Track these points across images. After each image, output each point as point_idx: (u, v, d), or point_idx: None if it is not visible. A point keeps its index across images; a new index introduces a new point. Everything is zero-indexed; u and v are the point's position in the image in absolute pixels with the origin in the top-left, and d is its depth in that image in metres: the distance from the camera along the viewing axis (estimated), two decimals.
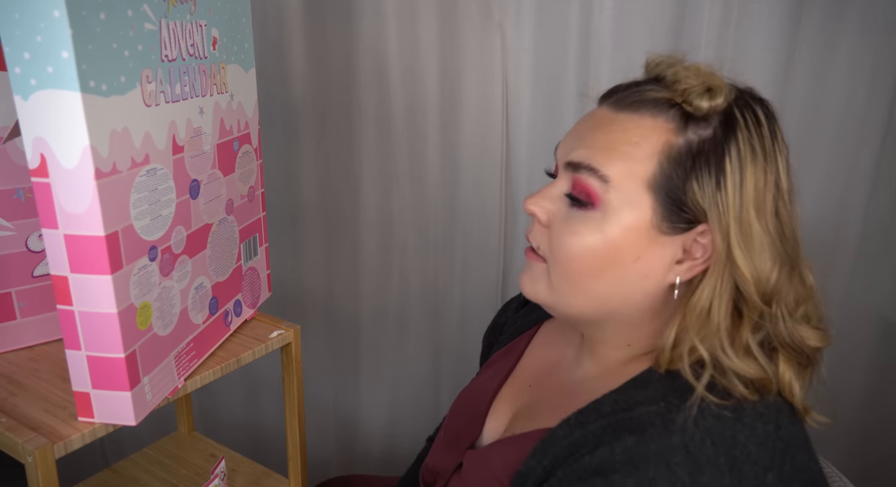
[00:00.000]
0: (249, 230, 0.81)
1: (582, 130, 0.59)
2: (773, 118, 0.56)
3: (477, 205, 1.28)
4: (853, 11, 1.12)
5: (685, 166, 0.54)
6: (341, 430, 1.48)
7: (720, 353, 0.53)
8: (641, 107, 0.56)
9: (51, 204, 0.52)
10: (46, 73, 0.48)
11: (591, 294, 0.58)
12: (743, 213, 0.53)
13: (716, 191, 0.53)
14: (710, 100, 0.54)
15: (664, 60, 0.58)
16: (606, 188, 0.55)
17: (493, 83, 1.21)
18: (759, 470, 0.48)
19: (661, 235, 0.55)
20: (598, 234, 0.56)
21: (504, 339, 0.79)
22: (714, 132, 0.54)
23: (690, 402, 0.51)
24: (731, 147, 0.53)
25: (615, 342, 0.61)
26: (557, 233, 0.58)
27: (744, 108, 0.55)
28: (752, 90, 0.58)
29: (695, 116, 0.54)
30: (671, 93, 0.55)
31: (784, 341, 0.55)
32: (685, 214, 0.54)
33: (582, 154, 0.57)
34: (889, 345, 1.31)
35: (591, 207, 0.56)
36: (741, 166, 0.53)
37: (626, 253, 0.56)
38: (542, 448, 0.57)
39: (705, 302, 0.54)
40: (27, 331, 0.75)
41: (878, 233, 1.26)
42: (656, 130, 0.55)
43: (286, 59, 1.22)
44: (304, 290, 1.37)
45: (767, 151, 0.54)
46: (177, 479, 0.95)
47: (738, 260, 0.53)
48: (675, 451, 0.49)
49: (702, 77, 0.54)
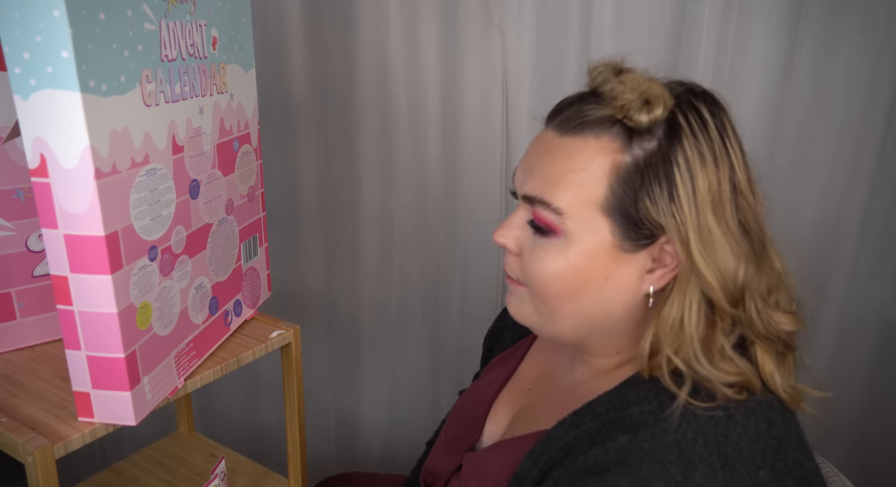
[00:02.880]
0: (249, 230, 0.81)
1: (532, 158, 0.59)
2: (721, 112, 0.55)
3: (477, 205, 1.28)
4: (853, 12, 1.12)
5: (635, 184, 0.53)
6: (341, 430, 1.48)
7: (695, 363, 0.53)
8: (584, 128, 0.55)
9: (51, 204, 0.52)
10: (46, 72, 0.48)
11: (571, 313, 0.58)
12: (701, 220, 0.52)
13: (669, 203, 0.52)
14: (650, 113, 0.52)
15: (601, 71, 0.56)
16: (562, 219, 0.55)
17: (493, 83, 1.21)
18: (752, 468, 0.48)
19: (626, 253, 0.55)
20: (563, 261, 0.56)
21: (504, 344, 0.79)
22: (659, 143, 0.53)
23: (675, 406, 0.51)
24: (678, 155, 0.52)
25: (603, 351, 0.62)
26: (528, 261, 0.59)
27: (687, 111, 0.53)
28: (694, 86, 0.56)
29: (638, 130, 0.53)
30: (611, 109, 0.54)
31: (760, 333, 0.54)
32: (644, 230, 0.54)
33: (533, 186, 0.57)
34: (890, 346, 1.31)
35: (553, 235, 0.56)
36: (691, 174, 0.52)
37: (594, 274, 0.56)
38: (539, 449, 0.57)
39: (676, 314, 0.54)
40: (27, 331, 0.75)
41: (878, 233, 1.26)
42: (602, 151, 0.54)
43: (286, 59, 1.22)
44: (304, 290, 1.37)
45: (717, 151, 0.53)
46: (177, 479, 0.95)
47: (702, 269, 0.52)
48: (667, 450, 0.49)
49: (638, 89, 0.52)
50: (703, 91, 0.56)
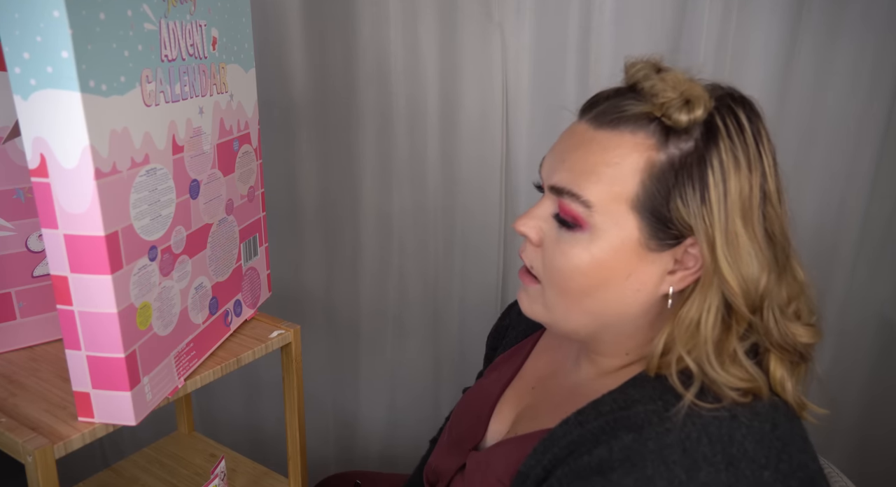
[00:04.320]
0: (249, 230, 0.81)
1: (563, 149, 0.58)
2: (757, 119, 0.55)
3: (476, 205, 1.28)
4: (853, 11, 1.12)
5: (668, 183, 0.53)
6: (341, 430, 1.48)
7: (707, 365, 0.53)
8: (620, 123, 0.55)
9: (51, 204, 0.52)
10: (46, 72, 0.48)
11: (587, 310, 0.58)
12: (729, 225, 0.52)
13: (700, 205, 0.52)
14: (689, 114, 0.52)
15: (641, 68, 0.56)
16: (590, 212, 0.55)
17: (493, 83, 1.21)
18: (756, 468, 0.48)
19: (650, 252, 0.55)
20: (587, 255, 0.55)
21: (508, 342, 0.79)
22: (696, 144, 0.53)
23: (680, 405, 0.51)
24: (714, 158, 0.52)
25: (612, 351, 0.62)
26: (549, 254, 0.58)
27: (726, 115, 0.53)
28: (733, 91, 0.56)
29: (675, 129, 0.53)
30: (650, 106, 0.54)
31: (775, 342, 0.54)
32: (672, 231, 0.54)
33: (563, 178, 0.56)
34: (890, 347, 1.31)
35: (578, 229, 0.56)
36: (724, 177, 0.52)
37: (616, 271, 0.56)
38: (543, 447, 0.57)
39: (694, 315, 0.54)
40: (27, 331, 0.75)
41: (878, 234, 1.25)
42: (637, 148, 0.54)
43: (286, 59, 1.22)
44: (304, 290, 1.37)
45: (752, 157, 0.53)
46: (177, 479, 0.95)
47: (726, 273, 0.52)
48: (672, 449, 0.49)
49: (679, 88, 0.53)
50: (742, 96, 0.56)
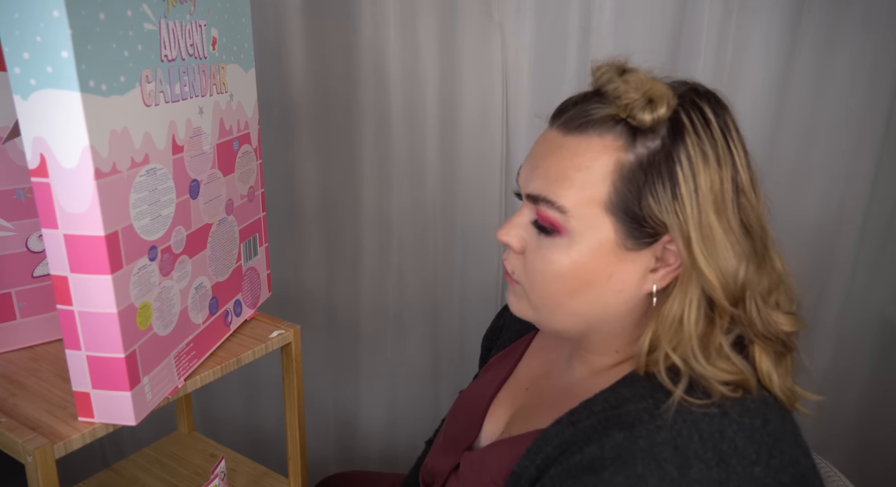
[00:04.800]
0: (249, 230, 0.81)
1: (536, 156, 0.59)
2: (724, 112, 0.55)
3: (476, 205, 1.28)
4: (853, 12, 1.12)
5: (638, 182, 0.53)
6: (341, 430, 1.48)
7: (693, 360, 0.53)
8: (588, 127, 0.55)
9: (51, 204, 0.52)
10: (46, 72, 0.48)
11: (571, 312, 0.59)
12: (703, 219, 0.52)
13: (672, 201, 0.53)
14: (653, 112, 0.53)
15: (605, 71, 0.57)
16: (566, 217, 0.55)
17: (493, 83, 1.21)
18: (747, 464, 0.48)
19: (629, 252, 0.55)
20: (567, 260, 0.56)
21: (502, 343, 0.79)
22: (662, 142, 0.53)
23: (670, 402, 0.51)
24: (681, 154, 0.53)
25: (602, 350, 0.62)
26: (531, 260, 0.59)
27: (691, 110, 0.54)
28: (697, 86, 0.57)
29: (641, 129, 0.53)
30: (615, 108, 0.54)
31: (759, 333, 0.55)
32: (647, 229, 0.54)
33: (538, 185, 0.57)
34: (890, 347, 1.31)
35: (556, 234, 0.56)
36: (693, 172, 0.52)
37: (597, 273, 0.56)
38: (536, 447, 0.57)
39: (677, 311, 0.54)
40: (27, 331, 0.75)
41: (878, 234, 1.25)
42: (605, 150, 0.54)
43: (286, 59, 1.22)
44: (304, 290, 1.37)
45: (720, 150, 0.53)
46: (177, 479, 0.95)
47: (703, 267, 0.52)
48: (663, 446, 0.49)
49: (642, 88, 0.53)
50: (707, 91, 0.56)
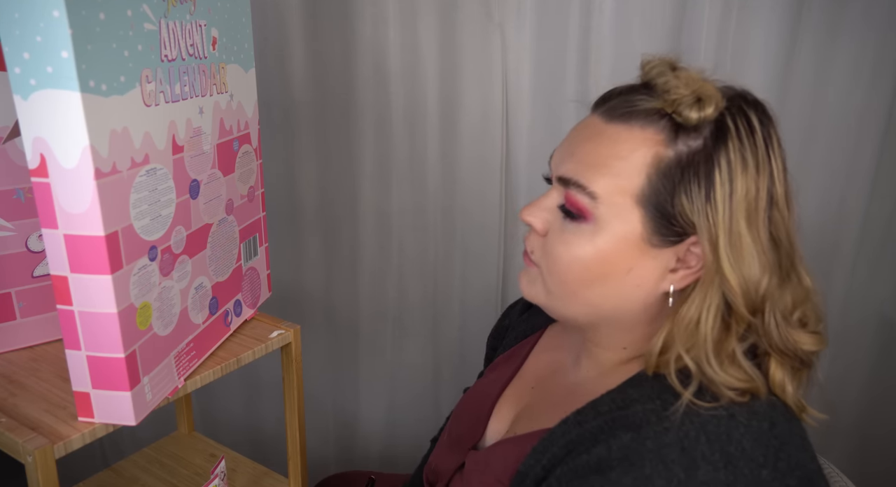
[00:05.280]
0: (249, 230, 0.81)
1: (574, 141, 0.59)
2: (769, 123, 0.55)
3: (476, 206, 1.28)
4: (853, 11, 1.12)
5: (674, 179, 0.53)
6: (341, 430, 1.48)
7: (705, 364, 0.53)
8: (631, 118, 0.55)
9: (51, 204, 0.52)
10: (46, 72, 0.48)
11: (585, 300, 0.59)
12: (733, 225, 0.52)
13: (705, 203, 0.52)
14: (700, 111, 0.52)
15: (656, 65, 0.57)
16: (595, 204, 0.55)
17: (493, 83, 1.21)
18: (754, 467, 0.48)
19: (652, 248, 0.55)
20: (590, 247, 0.56)
21: (508, 343, 0.79)
22: (704, 142, 0.53)
23: (679, 404, 0.51)
24: (721, 157, 0.52)
25: (611, 344, 0.62)
26: (552, 243, 0.59)
27: (737, 115, 0.54)
28: (747, 93, 0.56)
29: (685, 127, 0.53)
30: (661, 102, 0.54)
31: (775, 346, 0.54)
32: (675, 227, 0.54)
33: (571, 169, 0.57)
34: (890, 346, 1.31)
35: (583, 220, 0.56)
36: (731, 177, 0.52)
37: (618, 265, 0.56)
38: (542, 447, 0.57)
39: (694, 314, 0.54)
40: (27, 331, 0.75)
41: (878, 233, 1.25)
42: (645, 142, 0.54)
43: (286, 59, 1.22)
44: (303, 290, 1.37)
45: (760, 160, 0.53)
46: (177, 479, 0.95)
47: (727, 273, 0.52)
48: (670, 448, 0.49)
49: (692, 86, 0.53)
50: (756, 100, 0.56)
